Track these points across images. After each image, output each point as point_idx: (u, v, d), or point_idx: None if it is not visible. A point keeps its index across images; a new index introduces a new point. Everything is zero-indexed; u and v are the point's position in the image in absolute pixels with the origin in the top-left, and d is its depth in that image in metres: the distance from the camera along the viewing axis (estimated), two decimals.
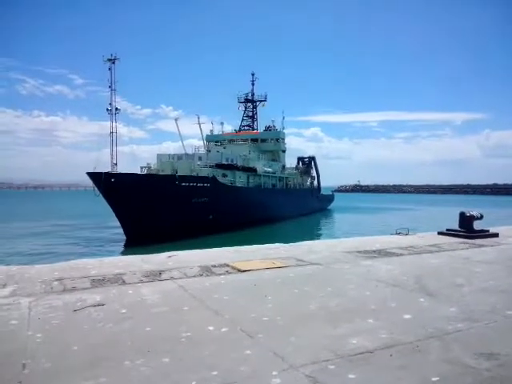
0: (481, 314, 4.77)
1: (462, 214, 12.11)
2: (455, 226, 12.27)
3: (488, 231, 12.16)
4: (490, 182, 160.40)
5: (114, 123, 29.06)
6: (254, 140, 51.03)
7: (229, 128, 55.60)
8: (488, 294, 5.74)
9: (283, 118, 56.44)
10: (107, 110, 29.27)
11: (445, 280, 6.56)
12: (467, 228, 11.84)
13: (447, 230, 12.47)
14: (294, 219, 43.49)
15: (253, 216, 35.23)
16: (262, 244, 10.40)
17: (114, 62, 29.01)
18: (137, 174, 30.94)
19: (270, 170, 46.70)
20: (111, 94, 28.93)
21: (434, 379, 3.16)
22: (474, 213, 11.96)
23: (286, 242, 10.79)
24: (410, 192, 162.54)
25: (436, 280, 6.54)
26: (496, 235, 12.00)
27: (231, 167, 37.91)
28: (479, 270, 7.44)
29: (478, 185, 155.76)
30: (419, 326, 4.34)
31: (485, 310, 4.93)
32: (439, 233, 12.54)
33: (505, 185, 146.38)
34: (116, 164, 28.93)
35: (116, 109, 29.25)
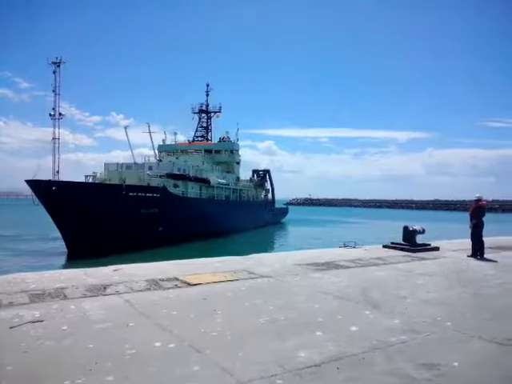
0: (422, 326, 4.98)
1: (405, 229, 12.66)
2: (399, 239, 12.80)
3: (429, 245, 12.79)
4: (432, 197, 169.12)
5: (57, 129, 27.84)
6: (208, 151, 50.59)
7: (182, 138, 54.97)
8: (429, 305, 6.01)
9: (238, 129, 56.14)
10: (50, 115, 28.00)
11: (389, 292, 6.80)
12: (410, 242, 12.39)
13: (391, 243, 12.98)
14: (247, 232, 43.51)
15: (205, 228, 34.66)
16: (214, 257, 10.31)
17: (59, 66, 27.93)
18: (80, 183, 29.61)
19: (223, 181, 46.39)
20: (55, 98, 27.78)
21: None
22: (417, 227, 12.55)
23: (239, 254, 10.76)
24: (357, 206, 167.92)
25: (381, 292, 6.77)
26: (437, 249, 12.64)
27: (183, 177, 37.16)
28: (421, 282, 7.79)
29: (421, 200, 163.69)
30: (365, 338, 4.45)
31: (426, 322, 5.15)
32: (384, 246, 13.02)
33: (446, 201, 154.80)
34: (58, 172, 27.57)
35: (60, 114, 28.06)
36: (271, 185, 64.98)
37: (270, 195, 64.82)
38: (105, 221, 26.07)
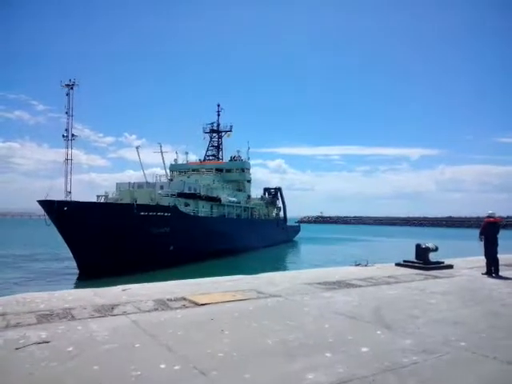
0: (435, 346, 4.83)
1: (417, 246, 12.46)
2: (412, 257, 12.58)
3: (443, 263, 12.54)
4: (445, 214, 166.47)
5: (69, 150, 28.26)
6: (219, 170, 50.82)
7: (193, 158, 55.40)
8: (442, 325, 5.84)
9: (248, 148, 56.49)
10: (63, 136, 28.52)
11: (401, 311, 6.64)
12: (423, 259, 12.17)
13: (404, 261, 12.77)
14: (259, 250, 43.21)
15: (216, 247, 34.46)
16: (223, 276, 10.23)
17: (72, 88, 28.45)
18: (91, 203, 29.85)
19: (234, 199, 46.32)
20: (68, 119, 28.30)
21: None
22: (430, 245, 12.34)
23: (250, 273, 10.68)
24: (369, 223, 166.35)
25: (393, 311, 6.61)
26: (450, 267, 12.39)
27: (194, 196, 37.27)
28: (434, 301, 7.60)
29: (434, 217, 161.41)
30: (376, 360, 4.32)
31: (439, 342, 5.00)
32: (397, 264, 12.81)
33: (459, 217, 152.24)
34: (70, 192, 27.82)
35: (73, 135, 28.51)
36: (283, 203, 64.49)
37: (281, 213, 64.39)
38: (116, 240, 26.17)
